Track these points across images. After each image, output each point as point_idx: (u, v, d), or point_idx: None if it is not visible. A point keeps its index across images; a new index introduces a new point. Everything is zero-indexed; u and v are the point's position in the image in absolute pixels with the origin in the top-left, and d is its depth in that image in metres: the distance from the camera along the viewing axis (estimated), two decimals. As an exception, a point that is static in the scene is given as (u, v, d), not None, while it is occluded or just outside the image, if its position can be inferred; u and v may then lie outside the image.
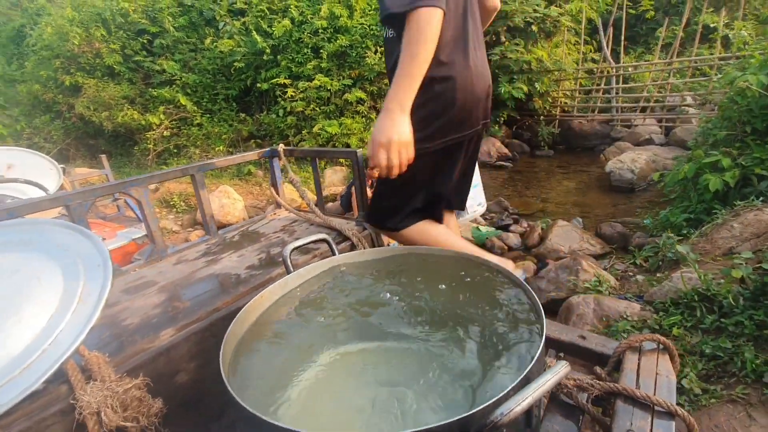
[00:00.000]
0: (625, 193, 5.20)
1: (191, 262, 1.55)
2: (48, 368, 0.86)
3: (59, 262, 1.05)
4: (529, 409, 0.61)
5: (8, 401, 0.82)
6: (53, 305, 0.96)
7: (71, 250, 1.08)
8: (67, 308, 0.96)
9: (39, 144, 7.40)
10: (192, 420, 1.08)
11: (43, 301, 0.96)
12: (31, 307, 0.94)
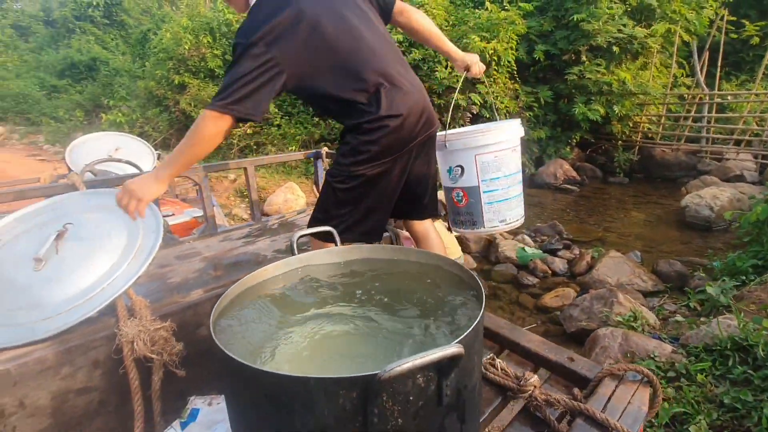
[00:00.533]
0: (700, 231, 4.74)
1: (233, 241, 1.82)
2: (103, 302, 1.14)
3: (127, 224, 1.35)
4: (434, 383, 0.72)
5: (71, 321, 1.10)
6: (115, 256, 1.25)
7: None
8: (124, 260, 1.25)
9: (147, 132, 8.60)
10: (204, 367, 1.31)
11: (109, 251, 1.25)
12: (101, 255, 1.24)
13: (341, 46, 1.28)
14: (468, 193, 1.61)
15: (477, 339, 0.84)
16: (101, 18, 17.78)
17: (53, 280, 1.17)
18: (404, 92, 1.34)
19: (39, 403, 1.06)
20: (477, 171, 1.57)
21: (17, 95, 14.35)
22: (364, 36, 1.32)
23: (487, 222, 1.64)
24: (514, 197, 1.65)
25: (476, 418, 0.92)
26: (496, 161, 1.56)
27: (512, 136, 1.61)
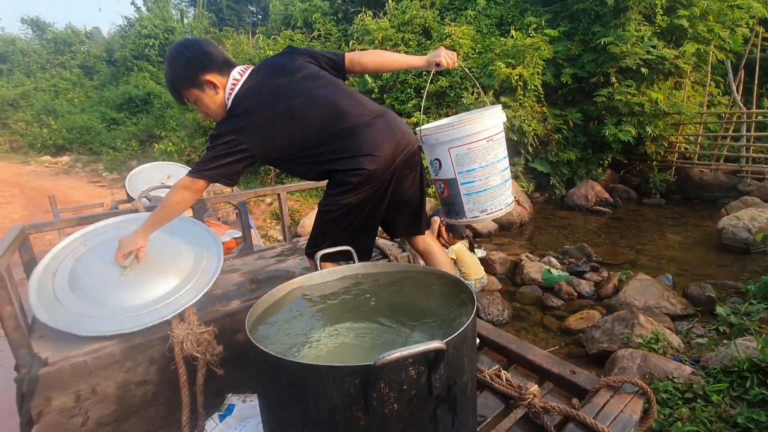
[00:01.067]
0: (737, 254, 4.56)
1: (267, 260, 2.04)
2: (177, 309, 1.37)
3: (194, 246, 1.60)
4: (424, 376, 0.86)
5: (147, 322, 1.33)
6: (185, 272, 1.50)
7: (202, 240, 1.63)
8: (192, 276, 1.49)
9: (194, 159, 9.27)
10: (240, 369, 1.50)
11: (180, 268, 1.50)
12: (174, 270, 1.49)
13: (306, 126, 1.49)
14: (448, 185, 1.64)
15: (466, 342, 0.98)
16: (156, 56, 19.46)
17: (136, 285, 1.42)
18: (371, 130, 1.49)
19: (107, 391, 1.29)
20: (452, 164, 1.60)
21: (81, 128, 15.85)
22: (325, 103, 1.49)
23: (468, 212, 1.67)
24: (494, 186, 1.64)
25: (469, 413, 1.04)
26: (470, 153, 1.57)
27: (487, 126, 1.57)
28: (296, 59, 1.60)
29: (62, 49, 22.97)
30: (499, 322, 3.37)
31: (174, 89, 1.52)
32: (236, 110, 1.46)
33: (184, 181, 1.43)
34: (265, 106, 1.46)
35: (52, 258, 1.50)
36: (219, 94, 1.48)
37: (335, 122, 1.48)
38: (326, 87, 1.54)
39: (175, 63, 1.49)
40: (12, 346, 1.14)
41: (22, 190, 9.97)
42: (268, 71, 1.56)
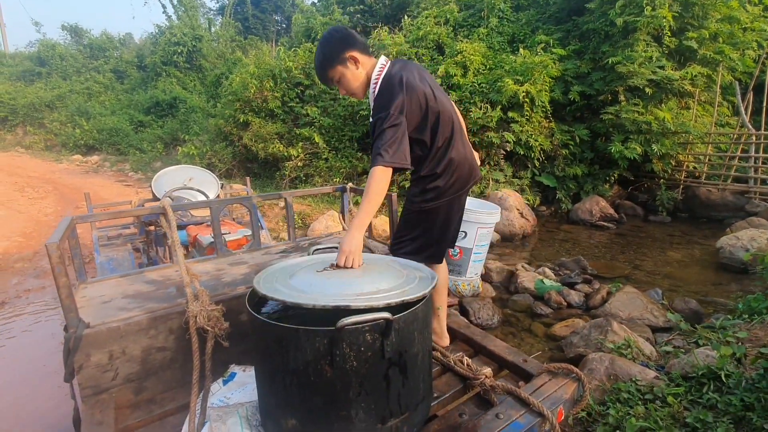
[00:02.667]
0: (735, 273, 4.65)
1: (272, 255, 2.32)
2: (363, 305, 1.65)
3: (403, 274, 1.80)
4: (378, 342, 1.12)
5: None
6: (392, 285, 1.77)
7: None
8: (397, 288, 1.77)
9: (214, 163, 9.74)
10: (242, 344, 1.77)
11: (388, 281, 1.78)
12: (382, 281, 1.76)
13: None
14: (464, 252, 2.18)
15: (416, 320, 1.23)
16: (184, 63, 20.35)
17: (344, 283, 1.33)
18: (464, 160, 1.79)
19: (134, 353, 1.57)
20: (476, 238, 2.15)
21: (111, 129, 16.67)
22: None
23: (468, 274, 2.40)
24: (482, 261, 2.32)
25: (420, 380, 1.28)
26: (487, 234, 2.18)
27: (498, 218, 2.21)
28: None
29: (97, 54, 24.16)
30: (488, 326, 3.57)
31: (323, 69, 1.71)
32: (396, 84, 1.60)
33: (380, 172, 1.51)
34: (419, 85, 1.64)
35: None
36: (360, 72, 1.69)
37: (449, 138, 1.75)
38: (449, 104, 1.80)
39: (326, 43, 1.68)
40: (64, 310, 1.43)
41: (55, 186, 10.61)
42: (414, 65, 1.77)
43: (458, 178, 1.77)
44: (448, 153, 1.75)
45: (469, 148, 1.86)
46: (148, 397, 1.63)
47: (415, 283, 1.29)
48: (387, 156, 1.52)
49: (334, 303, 1.10)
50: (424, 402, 1.33)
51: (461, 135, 1.82)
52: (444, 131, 1.73)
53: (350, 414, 1.14)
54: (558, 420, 1.37)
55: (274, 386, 1.22)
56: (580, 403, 1.49)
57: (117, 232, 4.18)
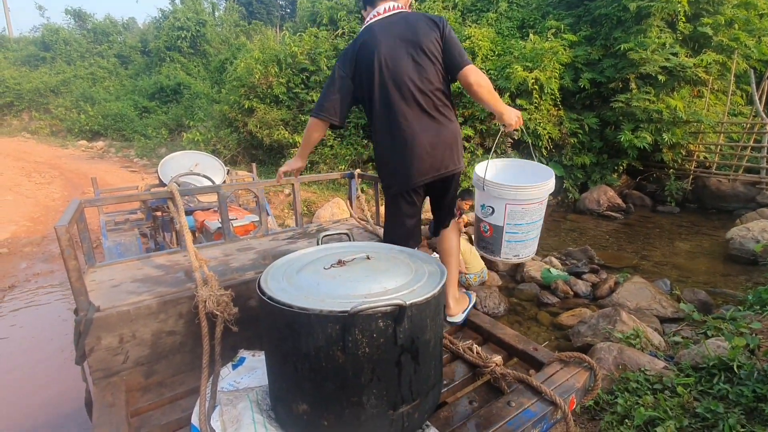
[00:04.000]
0: (745, 265, 4.60)
1: (279, 241, 2.31)
2: (378, 303, 1.64)
3: (412, 270, 1.70)
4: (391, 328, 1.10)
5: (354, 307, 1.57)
6: (396, 283, 1.75)
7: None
8: (405, 288, 1.75)
9: (219, 150, 9.71)
10: (251, 329, 1.77)
11: (393, 278, 1.76)
12: (388, 279, 1.74)
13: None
14: (494, 229, 1.86)
15: (429, 308, 1.21)
16: (188, 48, 20.16)
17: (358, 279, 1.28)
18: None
19: (144, 337, 1.57)
20: (505, 216, 1.80)
21: (116, 115, 16.64)
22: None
23: (503, 254, 1.91)
24: (531, 239, 1.87)
25: (431, 366, 1.27)
26: (523, 212, 1.78)
27: (543, 192, 1.78)
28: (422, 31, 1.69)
29: (101, 39, 24.01)
30: (494, 314, 3.57)
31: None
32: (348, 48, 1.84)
33: (309, 121, 1.86)
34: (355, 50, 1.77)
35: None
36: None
37: (391, 105, 1.76)
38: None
39: None
40: (74, 293, 1.43)
41: (61, 172, 10.64)
42: (382, 25, 1.73)
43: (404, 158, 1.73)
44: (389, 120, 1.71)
45: (440, 128, 1.71)
46: (158, 380, 1.63)
47: (424, 280, 1.27)
48: (315, 107, 1.77)
49: (340, 308, 1.07)
50: (435, 389, 1.32)
51: (418, 107, 1.68)
52: (384, 96, 1.70)
53: (362, 400, 1.13)
54: (570, 408, 1.36)
55: (285, 371, 1.21)
56: (592, 392, 1.48)
57: (124, 218, 4.18)
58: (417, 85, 1.68)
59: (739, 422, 1.70)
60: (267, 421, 1.32)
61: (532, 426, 1.24)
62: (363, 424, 1.16)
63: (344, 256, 1.43)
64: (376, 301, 1.07)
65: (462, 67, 1.67)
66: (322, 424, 1.17)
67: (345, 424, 1.16)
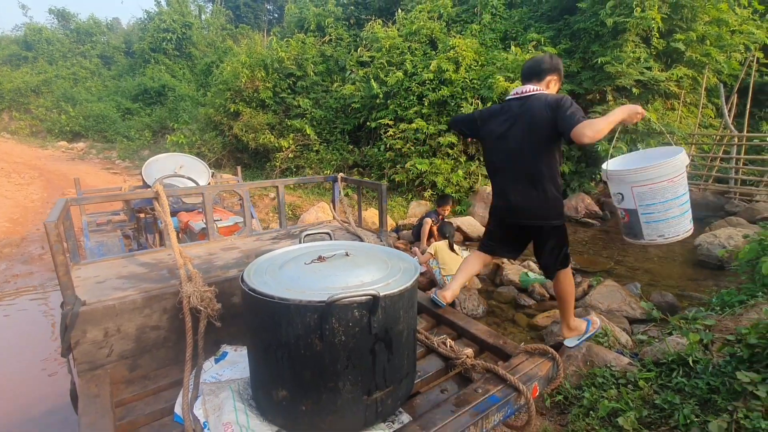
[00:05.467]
0: (711, 269, 4.83)
1: (263, 241, 2.37)
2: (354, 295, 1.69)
3: (388, 265, 1.89)
4: (366, 318, 1.18)
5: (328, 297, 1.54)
6: (371, 278, 1.81)
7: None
8: (381, 281, 1.81)
9: (204, 153, 9.68)
10: (234, 325, 1.82)
11: (369, 272, 1.81)
12: (363, 273, 1.80)
13: None
14: (629, 214, 1.90)
15: (402, 300, 1.30)
16: (173, 50, 20.01)
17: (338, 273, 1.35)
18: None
19: (128, 331, 1.62)
20: (634, 199, 1.85)
21: (98, 116, 16.39)
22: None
23: (647, 236, 1.91)
24: (672, 217, 1.86)
25: (404, 356, 1.35)
26: (651, 191, 1.79)
27: (667, 172, 1.79)
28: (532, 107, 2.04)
29: (84, 39, 23.65)
30: (473, 315, 3.67)
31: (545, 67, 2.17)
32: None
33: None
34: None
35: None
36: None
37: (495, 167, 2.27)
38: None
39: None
40: (61, 287, 1.47)
41: (40, 172, 10.44)
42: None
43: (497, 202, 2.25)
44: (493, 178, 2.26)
45: (520, 190, 2.11)
46: (142, 373, 1.68)
47: (398, 275, 1.36)
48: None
49: (318, 298, 1.15)
50: (407, 378, 1.40)
51: (513, 173, 2.13)
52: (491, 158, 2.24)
53: (338, 386, 1.21)
54: (533, 395, 1.46)
55: (266, 359, 1.28)
56: (555, 380, 1.58)
57: (106, 219, 4.17)
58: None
59: (693, 412, 1.82)
60: (248, 409, 1.38)
61: (496, 410, 1.34)
62: (339, 408, 1.24)
63: (324, 252, 1.52)
64: (352, 292, 1.16)
65: (571, 129, 1.88)
66: (301, 409, 1.24)
67: (322, 409, 1.24)
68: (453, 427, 1.25)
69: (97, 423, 1.30)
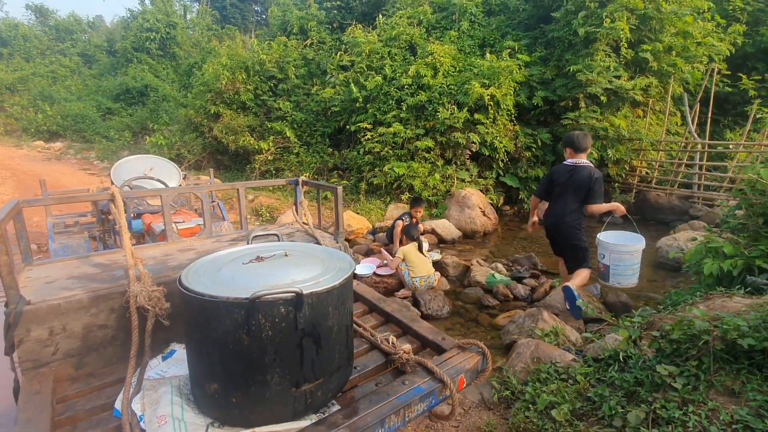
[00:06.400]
0: (670, 271, 5.03)
1: (221, 243, 2.43)
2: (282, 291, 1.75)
3: (323, 264, 1.95)
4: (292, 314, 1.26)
5: (267, 294, 1.70)
6: (309, 275, 1.86)
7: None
8: (317, 278, 1.86)
9: (183, 154, 9.63)
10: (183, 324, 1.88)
11: (306, 271, 1.87)
12: (300, 272, 1.85)
13: None
14: (605, 267, 3.40)
15: (332, 296, 1.38)
16: (156, 50, 19.81)
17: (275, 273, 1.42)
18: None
19: (75, 330, 1.66)
20: (610, 259, 3.36)
21: (76, 115, 16.12)
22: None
23: (611, 281, 3.40)
24: (628, 275, 3.36)
25: (335, 350, 1.43)
26: (620, 258, 3.32)
27: (632, 250, 3.35)
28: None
29: (63, 37, 23.24)
30: (438, 316, 3.77)
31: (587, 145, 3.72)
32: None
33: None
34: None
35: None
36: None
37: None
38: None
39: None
40: (4, 287, 1.51)
41: (13, 172, 10.24)
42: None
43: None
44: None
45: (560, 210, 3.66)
46: (89, 371, 1.72)
47: (331, 274, 1.44)
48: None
49: (245, 295, 1.21)
50: (340, 371, 1.48)
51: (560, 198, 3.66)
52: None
53: (266, 378, 1.29)
54: (460, 387, 1.55)
55: (199, 354, 1.35)
56: (484, 373, 1.68)
57: (74, 220, 4.16)
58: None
59: (619, 404, 1.94)
60: (185, 403, 1.44)
61: (419, 400, 1.43)
62: (268, 400, 1.31)
63: (264, 253, 1.60)
64: (276, 289, 1.23)
65: (590, 204, 3.57)
66: (231, 401, 1.31)
67: (251, 401, 1.31)
68: (375, 416, 1.33)
69: (34, 419, 1.35)
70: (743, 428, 1.64)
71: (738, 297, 2.75)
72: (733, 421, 1.69)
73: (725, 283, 3.22)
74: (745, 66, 9.55)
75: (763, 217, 3.14)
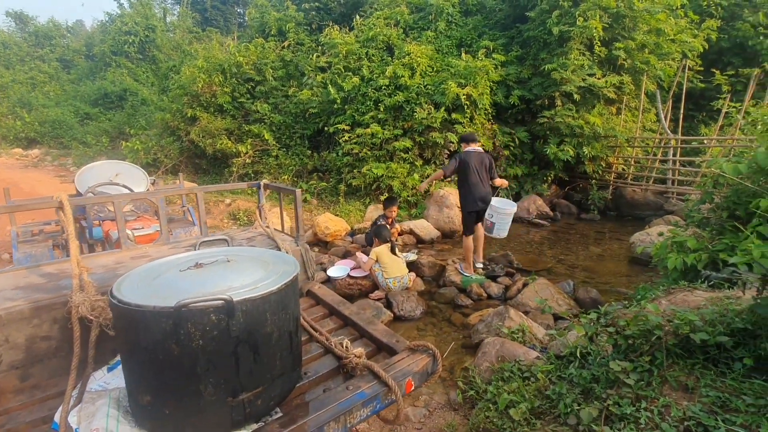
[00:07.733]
0: (642, 266, 5.11)
1: (178, 249, 2.39)
2: (217, 297, 1.70)
3: (265, 268, 1.90)
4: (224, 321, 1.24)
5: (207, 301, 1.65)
6: (250, 281, 1.82)
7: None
8: (259, 282, 1.81)
9: (160, 159, 9.49)
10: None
11: (248, 276, 1.83)
12: (242, 277, 1.81)
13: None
14: (492, 223, 4.37)
15: (269, 302, 1.35)
16: (135, 53, 19.52)
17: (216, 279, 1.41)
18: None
19: (17, 341, 1.62)
20: (496, 216, 4.33)
21: (54, 121, 15.79)
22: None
23: (495, 233, 4.41)
24: (504, 229, 4.40)
25: (275, 357, 1.41)
26: (500, 216, 4.32)
27: (506, 210, 4.35)
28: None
29: (42, 42, 22.77)
30: (411, 317, 3.77)
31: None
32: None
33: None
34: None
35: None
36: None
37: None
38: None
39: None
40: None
41: (-14, 181, 9.97)
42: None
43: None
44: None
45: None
46: (33, 383, 1.67)
47: (271, 279, 1.41)
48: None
49: (172, 304, 1.17)
50: (283, 378, 1.46)
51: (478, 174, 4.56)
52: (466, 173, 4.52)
53: (199, 389, 1.26)
54: (408, 390, 1.54)
55: (131, 365, 1.32)
56: (433, 375, 1.68)
57: (39, 229, 4.06)
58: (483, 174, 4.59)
59: (575, 401, 1.96)
60: (122, 415, 1.41)
61: (362, 405, 1.41)
62: (202, 410, 1.29)
63: (205, 259, 1.57)
64: (202, 297, 1.21)
65: (494, 178, 4.75)
66: (164, 412, 1.28)
67: (185, 411, 1.28)
68: (314, 423, 1.32)
69: (-36, 434, 1.31)
70: (695, 425, 1.65)
71: (700, 291, 2.81)
72: (685, 418, 1.71)
73: (690, 277, 3.28)
74: (721, 61, 9.75)
75: (727, 210, 3.20)
